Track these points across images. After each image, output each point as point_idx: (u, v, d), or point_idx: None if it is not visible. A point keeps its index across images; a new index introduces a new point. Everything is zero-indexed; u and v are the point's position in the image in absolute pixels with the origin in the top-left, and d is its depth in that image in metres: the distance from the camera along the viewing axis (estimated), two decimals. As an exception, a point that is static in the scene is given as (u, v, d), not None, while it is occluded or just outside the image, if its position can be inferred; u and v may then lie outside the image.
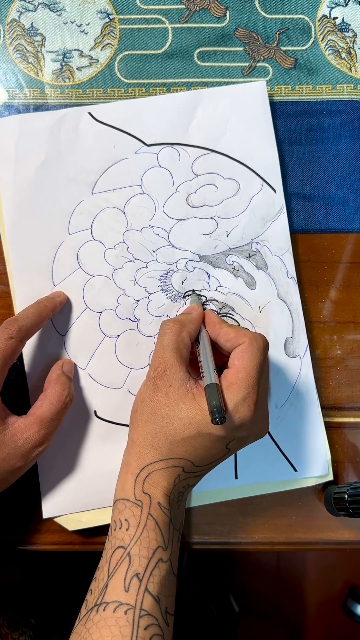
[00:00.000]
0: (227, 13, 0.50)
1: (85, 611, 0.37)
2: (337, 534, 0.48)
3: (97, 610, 0.35)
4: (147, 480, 0.39)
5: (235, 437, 0.38)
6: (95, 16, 0.50)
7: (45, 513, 0.46)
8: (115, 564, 0.37)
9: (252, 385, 0.38)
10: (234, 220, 0.48)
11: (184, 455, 0.38)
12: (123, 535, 0.38)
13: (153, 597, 0.36)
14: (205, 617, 0.99)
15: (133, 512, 0.38)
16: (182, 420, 0.38)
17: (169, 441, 0.38)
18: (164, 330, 0.41)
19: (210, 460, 0.39)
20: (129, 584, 0.36)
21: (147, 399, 0.40)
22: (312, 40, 0.50)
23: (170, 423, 0.38)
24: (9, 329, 0.41)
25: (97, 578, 0.38)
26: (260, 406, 0.39)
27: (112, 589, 0.36)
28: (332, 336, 0.50)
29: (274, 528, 0.48)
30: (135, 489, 0.39)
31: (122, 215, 0.48)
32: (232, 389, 0.37)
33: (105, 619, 0.35)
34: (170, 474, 0.39)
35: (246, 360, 0.38)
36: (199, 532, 0.48)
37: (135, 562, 0.36)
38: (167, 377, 0.39)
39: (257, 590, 1.10)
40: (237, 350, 0.39)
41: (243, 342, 0.39)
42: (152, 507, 0.38)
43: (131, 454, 0.40)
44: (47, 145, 0.47)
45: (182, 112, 0.48)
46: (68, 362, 0.46)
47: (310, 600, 1.11)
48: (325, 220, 0.50)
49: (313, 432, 0.48)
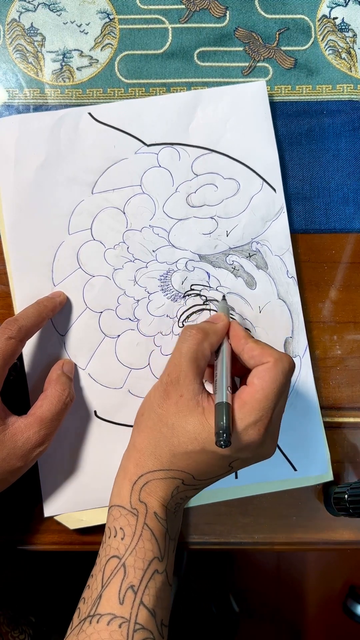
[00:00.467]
0: (227, 13, 0.50)
1: (77, 621, 0.36)
2: (337, 534, 0.48)
3: (90, 622, 0.35)
4: (145, 488, 0.38)
5: (240, 458, 0.38)
6: (95, 16, 0.50)
7: (46, 512, 0.46)
8: (109, 574, 0.36)
9: (266, 408, 0.36)
10: (234, 220, 0.48)
11: (184, 468, 0.38)
12: (118, 545, 0.37)
13: (148, 611, 0.35)
14: (205, 617, 0.99)
15: (128, 521, 0.38)
16: (187, 433, 0.37)
17: (171, 452, 0.37)
18: (185, 337, 0.39)
19: (211, 475, 0.39)
20: (124, 596, 0.35)
21: (156, 405, 0.39)
22: (312, 40, 0.50)
23: (175, 434, 0.37)
24: (8, 329, 0.41)
25: (90, 586, 0.37)
26: (272, 430, 0.38)
27: (106, 600, 0.35)
28: (332, 336, 0.49)
29: (274, 528, 0.48)
30: (131, 496, 0.38)
31: (122, 215, 0.48)
32: (245, 409, 0.36)
33: (99, 631, 0.34)
34: (169, 485, 0.38)
35: (266, 381, 0.36)
36: (199, 532, 0.48)
37: (130, 574, 0.36)
38: (180, 386, 0.38)
39: (257, 590, 1.10)
40: (259, 369, 0.37)
41: (267, 362, 0.37)
42: (148, 517, 0.38)
43: (130, 459, 0.40)
44: (47, 145, 0.47)
45: (182, 112, 0.48)
46: (68, 362, 0.46)
47: (310, 600, 1.11)
48: (325, 220, 0.50)
49: (313, 432, 0.48)
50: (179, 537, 0.48)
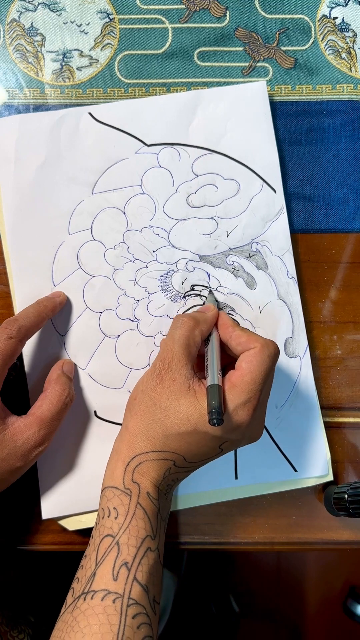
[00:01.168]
0: (227, 13, 0.50)
1: (72, 599, 0.37)
2: (337, 534, 0.48)
3: (84, 599, 0.35)
4: (137, 469, 0.39)
5: (230, 439, 0.39)
6: (95, 16, 0.50)
7: (44, 514, 0.46)
8: (103, 552, 0.37)
9: (255, 390, 0.38)
10: (234, 220, 0.48)
11: (176, 449, 0.39)
12: (112, 524, 0.38)
13: (141, 586, 0.36)
14: (205, 617, 0.99)
15: (122, 501, 0.38)
16: (180, 415, 0.38)
17: (163, 434, 0.38)
18: (176, 324, 0.41)
19: (202, 457, 0.40)
20: (118, 573, 0.36)
21: (149, 389, 0.40)
22: (312, 40, 0.50)
23: (167, 416, 0.38)
24: (8, 329, 0.41)
25: (84, 566, 0.38)
26: (259, 412, 0.39)
27: (100, 577, 0.36)
28: (332, 336, 0.49)
29: (274, 528, 0.48)
30: (125, 477, 0.39)
31: (122, 216, 0.48)
32: (234, 391, 0.37)
33: (93, 607, 0.35)
34: (161, 466, 0.39)
35: (254, 364, 0.38)
36: (199, 532, 0.48)
37: (124, 551, 0.36)
38: (172, 370, 0.39)
39: (257, 590, 1.10)
40: (246, 354, 0.39)
41: (254, 347, 0.39)
42: (141, 497, 0.38)
43: (123, 441, 0.40)
44: (47, 145, 0.47)
45: (182, 112, 0.48)
46: (68, 362, 0.46)
47: (310, 600, 1.11)
48: (325, 220, 0.50)
49: (313, 432, 0.48)
50: (179, 538, 0.48)
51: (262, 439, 0.47)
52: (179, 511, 0.48)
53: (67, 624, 0.35)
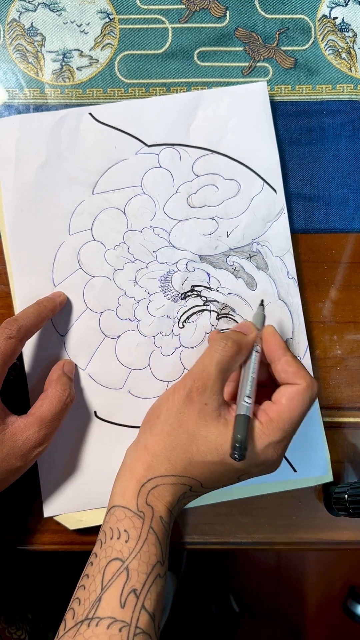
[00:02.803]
0: (227, 13, 0.50)
1: (72, 623, 0.35)
2: (337, 534, 0.48)
3: (88, 625, 0.34)
4: (153, 492, 0.38)
5: (251, 473, 0.38)
6: (95, 16, 0.50)
7: (46, 512, 0.46)
8: (110, 576, 0.35)
9: (289, 430, 0.37)
10: (235, 220, 0.48)
11: (197, 476, 0.38)
12: (121, 547, 0.36)
13: (149, 614, 0.35)
14: (205, 617, 0.99)
15: (134, 524, 0.37)
16: (209, 443, 0.37)
17: (187, 460, 0.37)
18: (219, 347, 0.39)
19: (218, 485, 0.39)
20: (126, 600, 0.34)
21: (176, 409, 0.38)
22: (312, 40, 0.50)
23: (194, 443, 0.37)
24: (8, 329, 0.41)
25: (86, 587, 0.36)
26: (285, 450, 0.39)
27: (107, 603, 0.34)
28: (332, 336, 0.50)
29: (274, 528, 0.48)
30: (138, 498, 0.38)
31: (123, 216, 0.48)
32: (270, 427, 0.37)
33: (98, 635, 0.33)
34: (177, 491, 0.38)
35: (295, 404, 0.37)
36: (199, 532, 0.48)
37: (134, 577, 0.35)
38: (205, 395, 0.38)
39: (257, 590, 1.10)
40: (290, 389, 0.38)
41: (299, 384, 0.38)
42: (154, 521, 0.37)
43: (140, 460, 0.39)
44: (47, 145, 0.47)
45: (182, 112, 0.48)
46: (69, 362, 0.46)
47: (310, 600, 1.11)
48: (325, 220, 0.50)
49: (313, 433, 0.48)
50: (179, 538, 0.48)
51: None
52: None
53: None
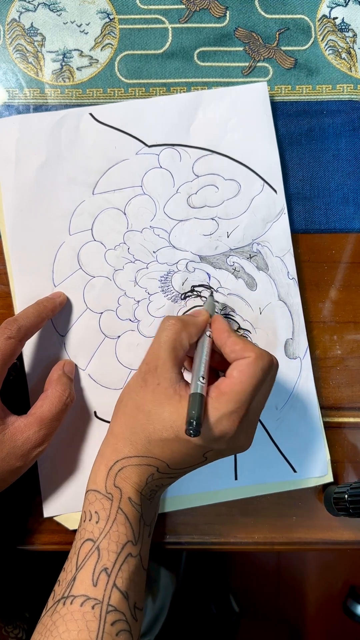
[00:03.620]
0: (227, 13, 0.50)
1: (52, 602, 0.36)
2: (337, 534, 0.48)
3: (64, 603, 0.35)
4: (120, 474, 0.39)
5: (213, 449, 0.38)
6: (95, 16, 0.50)
7: (46, 512, 0.46)
8: (84, 556, 0.37)
9: (243, 400, 0.36)
10: (235, 221, 0.48)
11: (159, 455, 0.38)
12: (92, 528, 0.38)
13: (121, 593, 0.36)
14: (205, 617, 0.99)
15: (103, 505, 0.38)
16: (163, 421, 0.37)
17: (146, 439, 0.38)
18: (164, 326, 0.40)
19: (185, 465, 0.39)
20: (97, 579, 0.36)
21: (133, 392, 0.39)
22: (312, 40, 0.50)
23: (150, 421, 0.38)
24: (8, 329, 0.41)
25: (65, 569, 0.38)
26: (246, 423, 0.38)
27: (80, 582, 0.36)
28: (332, 336, 0.50)
29: (274, 528, 0.48)
30: (107, 481, 0.39)
31: (123, 216, 0.48)
32: (221, 400, 0.36)
33: (72, 612, 0.35)
34: (143, 472, 0.39)
35: (245, 374, 0.37)
36: (199, 532, 0.48)
37: (104, 556, 0.36)
38: (157, 374, 0.38)
39: (257, 590, 1.10)
40: (240, 362, 0.38)
41: (248, 357, 0.38)
42: (123, 502, 0.38)
43: (108, 444, 0.40)
44: (47, 145, 0.47)
45: (183, 113, 0.48)
46: (69, 362, 0.46)
47: (310, 600, 1.11)
48: (325, 220, 0.50)
49: (313, 433, 0.48)
50: (179, 538, 0.48)
51: (262, 440, 0.48)
52: (179, 511, 0.48)
53: (46, 628, 0.35)
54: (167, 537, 0.48)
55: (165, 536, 0.48)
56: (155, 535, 0.47)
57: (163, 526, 0.48)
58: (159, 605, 0.76)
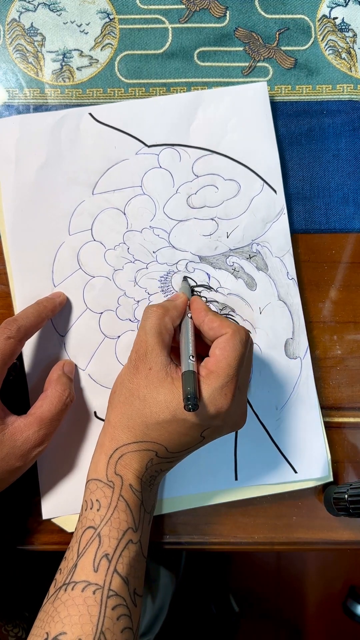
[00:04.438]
0: (227, 13, 0.50)
1: (53, 590, 0.37)
2: (337, 534, 0.48)
3: (65, 590, 0.36)
4: (120, 461, 0.39)
5: (211, 426, 0.39)
6: (95, 16, 0.50)
7: (44, 514, 0.46)
8: (85, 544, 0.37)
9: (231, 374, 0.38)
10: (235, 221, 0.48)
11: (157, 439, 0.39)
12: (94, 516, 0.38)
13: (122, 578, 0.36)
14: (205, 617, 0.99)
15: (104, 493, 0.39)
16: (158, 403, 0.38)
17: (144, 424, 0.38)
18: (147, 315, 0.41)
19: (184, 447, 0.40)
20: (98, 565, 0.36)
21: (127, 380, 0.40)
22: (312, 40, 0.50)
23: (146, 406, 0.38)
24: (8, 329, 0.41)
25: (66, 557, 0.38)
26: (238, 397, 0.39)
27: (81, 568, 0.36)
28: (332, 336, 0.50)
29: (274, 528, 0.48)
30: (107, 469, 0.39)
31: (123, 216, 0.48)
32: (210, 377, 0.38)
33: (74, 598, 0.35)
34: (143, 457, 0.39)
35: (228, 350, 0.38)
36: (199, 532, 0.48)
37: (105, 543, 0.37)
38: (147, 360, 0.39)
39: (257, 590, 1.10)
40: (219, 340, 0.39)
41: (226, 333, 0.39)
42: (124, 489, 0.39)
43: (106, 434, 0.41)
44: (47, 145, 0.47)
45: (182, 113, 0.48)
46: (69, 362, 0.46)
47: (310, 600, 1.11)
48: (325, 220, 0.50)
49: (313, 434, 0.48)
50: (179, 538, 0.48)
51: (262, 441, 0.48)
52: (179, 511, 0.48)
53: (47, 614, 0.35)
54: (167, 537, 0.48)
55: (165, 536, 0.48)
56: (155, 535, 0.48)
57: (163, 526, 0.48)
58: (159, 605, 0.76)
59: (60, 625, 0.34)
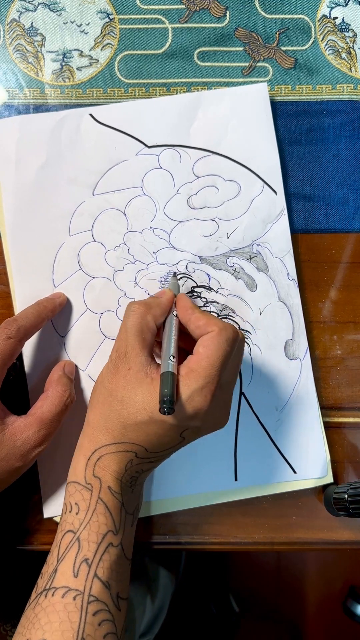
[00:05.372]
0: (227, 13, 0.50)
1: (35, 595, 0.36)
2: (337, 534, 0.48)
3: (45, 595, 0.35)
4: (98, 463, 0.39)
5: (189, 427, 0.38)
6: (95, 16, 0.50)
7: (46, 513, 0.46)
8: (64, 548, 0.37)
9: (212, 375, 0.36)
10: (235, 222, 0.48)
11: (136, 440, 0.38)
12: (73, 519, 0.38)
13: (102, 583, 0.36)
14: (205, 617, 0.99)
15: (83, 496, 0.38)
16: (136, 404, 0.37)
17: (121, 425, 0.38)
18: (128, 312, 0.40)
19: (163, 447, 0.39)
20: (78, 570, 0.36)
21: (106, 380, 0.39)
22: (312, 40, 0.50)
23: (124, 407, 0.37)
24: (7, 329, 0.41)
25: (47, 562, 0.38)
26: (220, 398, 0.38)
27: (61, 574, 0.36)
28: (332, 336, 0.50)
29: (274, 528, 0.48)
30: (86, 472, 0.39)
31: (123, 217, 0.48)
32: (190, 377, 0.36)
33: (54, 604, 0.35)
34: (122, 458, 0.38)
35: (211, 349, 0.37)
36: (199, 532, 0.48)
37: (85, 547, 0.36)
38: (127, 360, 0.38)
39: (257, 590, 1.10)
40: (204, 338, 0.38)
41: (212, 331, 0.38)
42: (102, 491, 0.38)
43: (85, 435, 0.40)
44: (48, 146, 0.47)
45: (183, 113, 0.48)
46: (69, 363, 0.46)
47: (310, 600, 1.11)
48: (325, 220, 0.50)
49: (313, 435, 0.48)
50: (179, 538, 0.48)
51: (262, 441, 0.48)
52: (179, 511, 0.48)
53: (29, 620, 0.35)
54: (167, 537, 0.48)
55: (165, 536, 0.48)
56: (155, 536, 0.48)
57: (163, 526, 0.48)
58: (159, 605, 0.76)
59: (40, 632, 0.34)
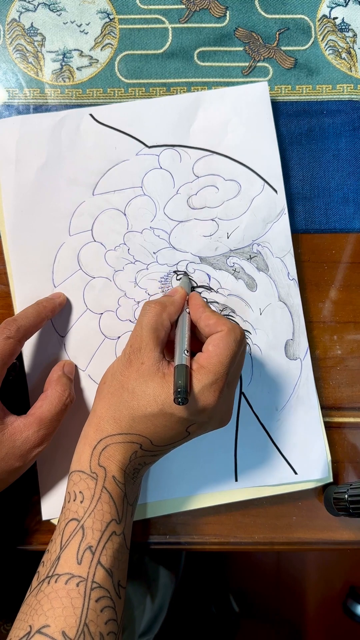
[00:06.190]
0: (227, 13, 0.50)
1: (36, 583, 0.37)
2: (337, 534, 0.48)
3: (48, 582, 0.36)
4: (104, 452, 0.39)
5: (196, 421, 0.39)
6: (95, 16, 0.50)
7: (44, 515, 0.46)
8: (68, 536, 0.37)
9: (222, 372, 0.38)
10: (235, 221, 0.48)
11: (143, 432, 0.39)
12: (77, 508, 0.38)
13: (105, 570, 0.36)
14: (204, 617, 0.99)
15: (88, 485, 0.39)
16: (147, 396, 0.38)
17: (130, 416, 0.38)
18: (145, 311, 0.41)
19: (168, 441, 0.40)
20: (82, 557, 0.36)
21: (118, 372, 0.40)
22: (312, 40, 0.50)
23: (135, 398, 0.38)
24: (7, 329, 0.41)
25: (49, 550, 0.38)
26: (226, 395, 0.40)
27: (65, 561, 0.36)
28: (332, 336, 0.50)
29: (274, 528, 0.48)
30: (91, 461, 0.39)
31: (123, 217, 0.48)
32: (201, 372, 0.38)
33: (57, 590, 0.35)
34: (127, 449, 0.39)
35: (221, 347, 0.38)
36: (199, 532, 0.48)
37: (89, 535, 0.37)
38: (141, 354, 0.39)
39: (257, 590, 1.10)
40: (213, 337, 0.40)
41: (221, 330, 0.40)
42: (107, 480, 0.38)
43: (91, 425, 0.40)
44: (48, 146, 0.47)
45: (183, 113, 0.48)
46: (69, 363, 0.46)
47: (310, 600, 1.11)
48: (325, 220, 0.50)
49: (313, 435, 0.48)
50: (179, 538, 0.48)
51: (262, 441, 0.48)
52: (178, 512, 0.48)
53: (31, 607, 0.35)
54: (167, 537, 0.48)
55: (165, 536, 0.48)
56: (155, 536, 0.48)
57: (163, 526, 0.48)
58: (159, 605, 0.76)
59: (43, 618, 0.34)
